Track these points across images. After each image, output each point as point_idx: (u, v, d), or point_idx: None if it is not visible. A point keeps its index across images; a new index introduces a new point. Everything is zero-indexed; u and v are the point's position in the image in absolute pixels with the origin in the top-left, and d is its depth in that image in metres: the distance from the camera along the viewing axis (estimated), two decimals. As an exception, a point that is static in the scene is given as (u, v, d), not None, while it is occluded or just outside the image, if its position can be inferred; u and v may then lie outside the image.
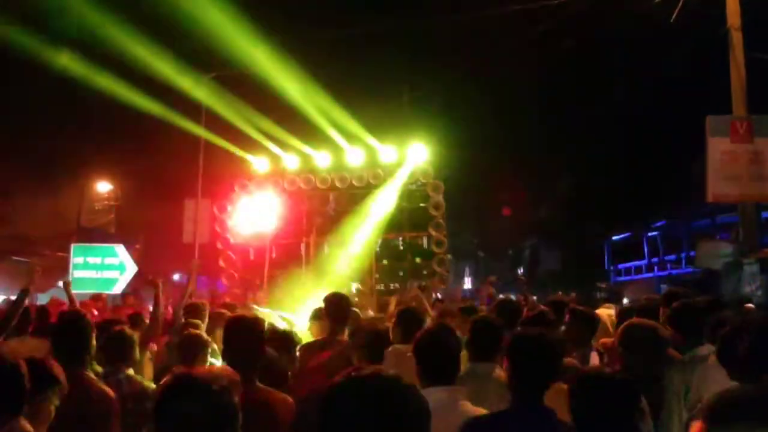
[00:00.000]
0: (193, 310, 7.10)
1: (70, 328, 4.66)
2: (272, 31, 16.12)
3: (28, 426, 3.23)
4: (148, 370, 6.14)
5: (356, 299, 14.24)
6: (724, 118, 13.35)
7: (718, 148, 12.99)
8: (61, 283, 8.56)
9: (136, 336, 5.28)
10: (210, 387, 2.21)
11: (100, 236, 25.30)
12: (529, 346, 3.56)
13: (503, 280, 39.18)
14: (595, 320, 6.35)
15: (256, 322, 4.10)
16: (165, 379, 2.38)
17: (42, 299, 17.56)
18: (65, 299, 8.39)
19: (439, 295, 15.53)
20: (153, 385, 4.96)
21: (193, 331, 5.91)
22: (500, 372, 4.74)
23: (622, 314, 6.68)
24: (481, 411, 3.64)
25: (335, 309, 6.07)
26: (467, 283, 39.25)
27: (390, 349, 5.71)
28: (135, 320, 7.45)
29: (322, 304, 6.45)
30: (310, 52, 17.97)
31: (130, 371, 4.96)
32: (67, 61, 15.95)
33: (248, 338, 3.94)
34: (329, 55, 20.96)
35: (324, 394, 1.80)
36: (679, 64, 21.11)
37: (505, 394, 3.90)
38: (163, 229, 24.08)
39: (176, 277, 24.99)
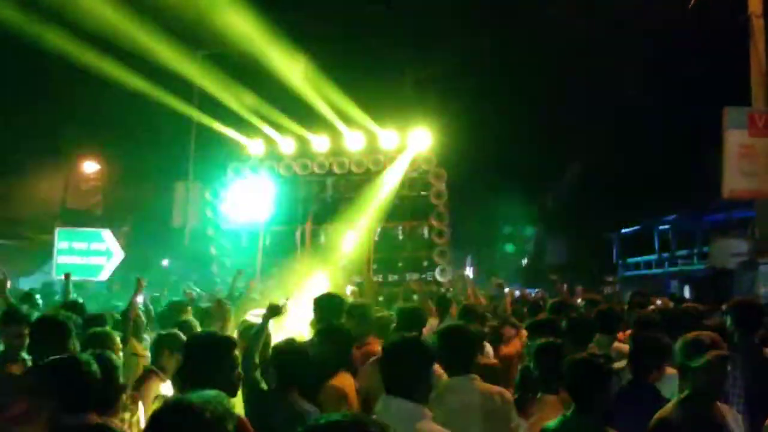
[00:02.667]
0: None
1: None
2: (268, 8, 15.96)
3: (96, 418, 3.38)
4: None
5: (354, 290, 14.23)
6: (742, 110, 13.21)
7: (736, 141, 12.86)
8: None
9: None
10: (203, 415, 2.20)
11: (86, 218, 25.23)
12: None
13: (507, 272, 39.23)
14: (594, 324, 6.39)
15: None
16: (158, 405, 2.41)
17: (24, 284, 17.54)
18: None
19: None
20: None
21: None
22: (479, 383, 4.64)
23: None
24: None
25: (324, 309, 6.03)
26: (468, 273, 39.20)
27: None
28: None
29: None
30: (309, 30, 17.84)
31: None
32: (51, 35, 15.81)
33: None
34: (328, 34, 20.81)
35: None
36: (696, 52, 20.97)
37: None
38: (152, 213, 24.02)
39: (165, 262, 24.95)
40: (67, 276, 8.51)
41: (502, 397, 4.53)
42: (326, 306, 6.10)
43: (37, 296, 9.45)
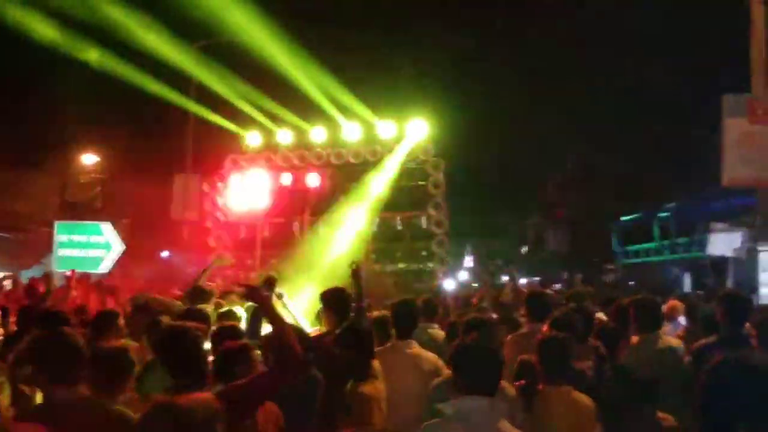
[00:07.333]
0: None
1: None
2: (264, -1, 15.80)
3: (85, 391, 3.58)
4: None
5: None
6: (741, 98, 12.99)
7: (735, 129, 12.65)
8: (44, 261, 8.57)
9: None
10: (194, 418, 2.21)
11: (86, 211, 25.14)
12: None
13: (505, 259, 39.12)
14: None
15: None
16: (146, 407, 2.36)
17: (24, 277, 17.43)
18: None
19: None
20: None
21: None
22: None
23: None
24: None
25: (337, 303, 5.86)
26: (467, 263, 39.13)
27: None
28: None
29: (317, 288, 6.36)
30: (305, 20, 17.68)
31: None
32: (48, 28, 15.67)
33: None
34: (325, 24, 20.66)
35: None
36: (696, 37, 20.81)
37: None
38: (151, 205, 23.91)
39: (164, 254, 24.89)
40: (73, 273, 8.41)
41: None
42: (336, 301, 5.91)
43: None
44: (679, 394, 4.81)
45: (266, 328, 5.36)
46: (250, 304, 6.99)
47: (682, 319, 8.58)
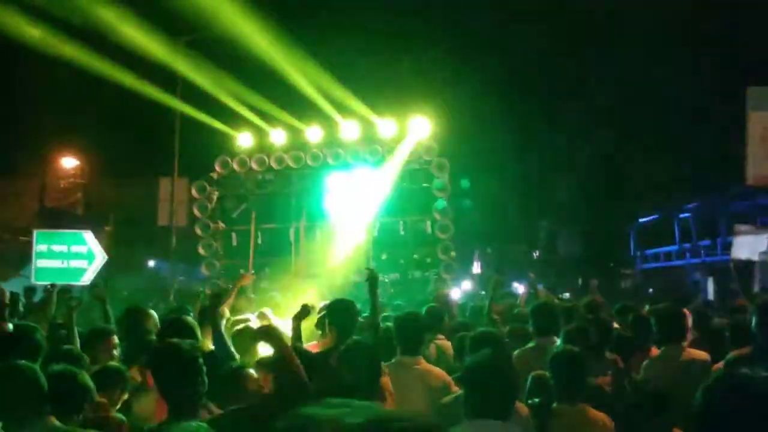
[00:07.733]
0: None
1: None
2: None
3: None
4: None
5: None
6: (766, 90, 13.02)
7: (760, 123, 12.67)
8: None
9: None
10: None
11: (66, 217, 25.16)
12: None
13: (517, 266, 39.03)
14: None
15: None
16: None
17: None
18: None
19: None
20: None
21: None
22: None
23: None
24: None
25: (342, 318, 5.84)
26: (476, 269, 38.96)
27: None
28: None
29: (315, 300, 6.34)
30: (299, 13, 17.69)
31: None
32: (25, 25, 15.69)
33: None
34: (320, 17, 20.68)
35: None
36: (718, 28, 20.85)
37: None
38: (135, 211, 23.96)
39: (151, 263, 24.92)
40: (53, 286, 8.41)
41: None
42: (341, 315, 5.86)
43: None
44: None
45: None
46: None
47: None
